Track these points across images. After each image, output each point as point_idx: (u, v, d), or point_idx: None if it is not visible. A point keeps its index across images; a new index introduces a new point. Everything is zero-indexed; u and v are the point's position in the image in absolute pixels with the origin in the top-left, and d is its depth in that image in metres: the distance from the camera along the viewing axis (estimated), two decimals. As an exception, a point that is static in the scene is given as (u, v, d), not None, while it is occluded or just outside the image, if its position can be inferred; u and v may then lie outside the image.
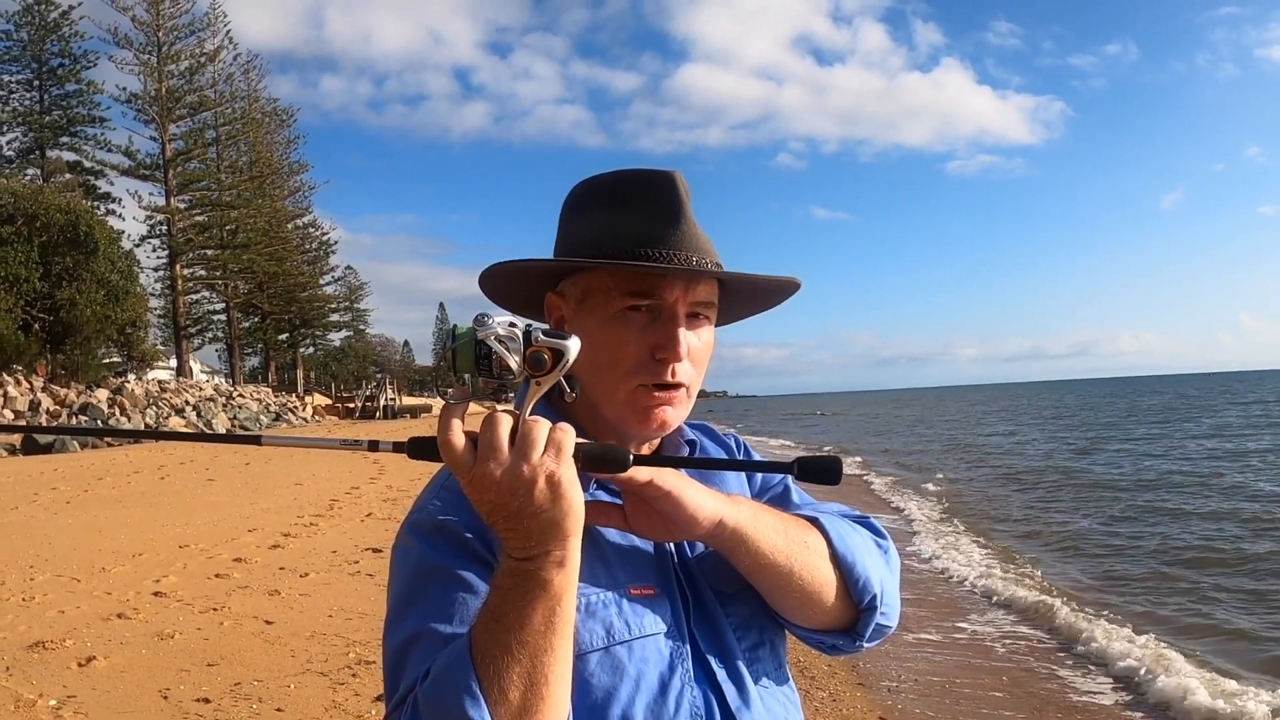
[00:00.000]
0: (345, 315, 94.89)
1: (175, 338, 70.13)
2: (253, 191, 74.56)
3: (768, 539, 1.39)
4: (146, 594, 9.25)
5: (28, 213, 45.68)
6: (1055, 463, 27.68)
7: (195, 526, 13.57)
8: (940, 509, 17.91)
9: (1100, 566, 12.27)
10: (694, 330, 1.43)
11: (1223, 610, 9.69)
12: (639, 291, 1.40)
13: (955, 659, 7.85)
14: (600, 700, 1.28)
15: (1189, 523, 15.48)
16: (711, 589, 1.46)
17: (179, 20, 69.19)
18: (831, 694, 6.74)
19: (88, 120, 68.60)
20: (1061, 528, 15.67)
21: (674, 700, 1.32)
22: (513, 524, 1.10)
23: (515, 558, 1.12)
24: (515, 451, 1.08)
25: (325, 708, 6.18)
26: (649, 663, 1.33)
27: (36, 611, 8.53)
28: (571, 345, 1.12)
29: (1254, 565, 11.82)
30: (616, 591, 1.35)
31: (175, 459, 26.60)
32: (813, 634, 1.51)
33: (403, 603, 1.28)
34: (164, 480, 20.76)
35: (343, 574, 10.29)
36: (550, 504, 1.08)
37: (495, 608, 1.12)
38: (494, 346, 1.10)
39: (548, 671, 1.11)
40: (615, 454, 1.22)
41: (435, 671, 1.13)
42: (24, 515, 15.00)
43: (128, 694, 6.42)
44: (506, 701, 1.09)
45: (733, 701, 1.37)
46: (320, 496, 17.22)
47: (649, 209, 1.44)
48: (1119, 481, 22.00)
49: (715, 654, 1.40)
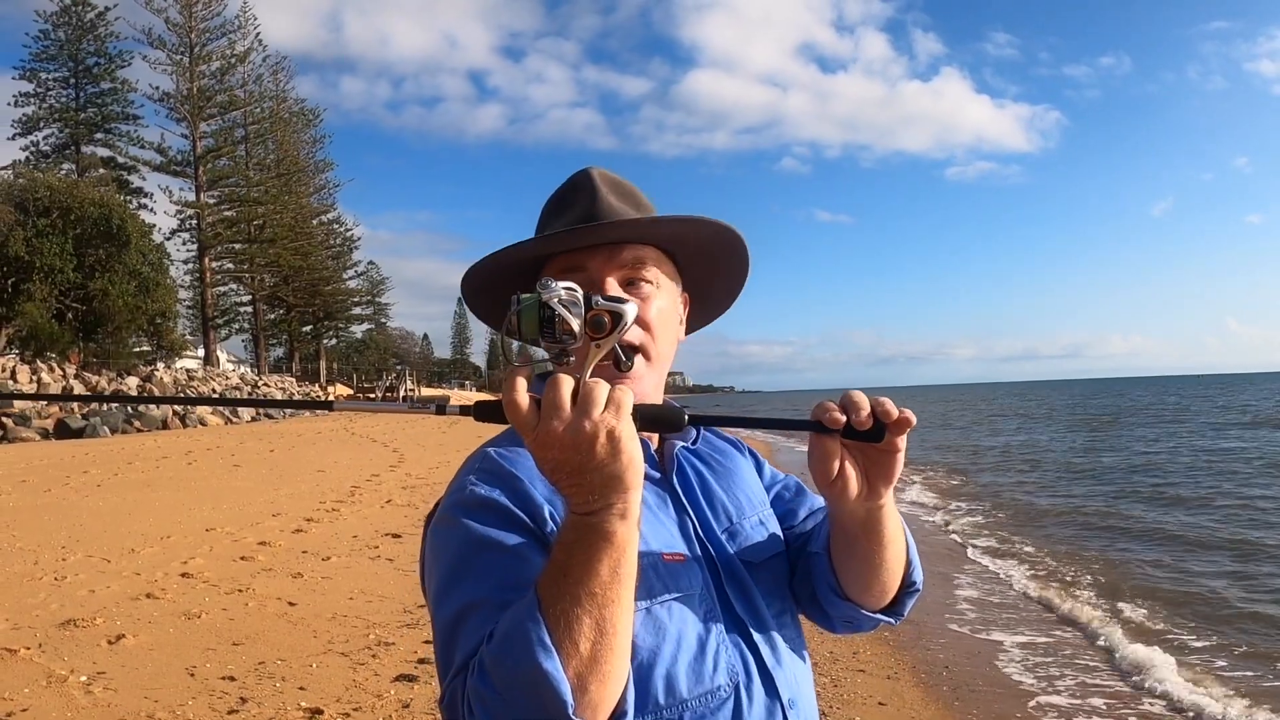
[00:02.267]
0: (367, 309, 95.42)
1: (203, 328, 70.38)
2: (279, 188, 74.71)
3: (897, 516, 1.46)
4: (174, 575, 9.28)
5: (63, 206, 45.88)
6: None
7: (221, 511, 13.62)
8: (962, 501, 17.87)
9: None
10: (635, 295, 1.46)
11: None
12: (570, 268, 1.46)
13: (952, 651, 7.82)
14: (646, 660, 1.30)
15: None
16: (741, 560, 1.50)
17: (210, 22, 69.60)
18: (833, 679, 6.73)
19: (121, 117, 69.03)
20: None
21: (712, 659, 1.35)
22: (576, 479, 1.11)
23: (579, 513, 1.12)
24: (577, 409, 1.09)
25: (346, 686, 6.19)
26: (687, 623, 1.35)
27: (68, 591, 8.57)
28: (629, 309, 1.15)
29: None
30: (651, 557, 1.36)
31: (202, 445, 26.70)
32: (867, 613, 1.56)
33: (451, 576, 1.28)
34: (191, 466, 20.83)
35: (363, 558, 10.31)
36: (611, 458, 1.09)
37: (561, 562, 1.12)
38: (557, 309, 1.11)
39: (615, 622, 1.11)
40: (671, 413, 1.23)
41: (502, 630, 1.12)
42: (57, 497, 15.06)
43: (155, 671, 6.45)
44: (578, 653, 1.09)
45: (768, 659, 1.41)
46: (342, 483, 17.25)
47: (574, 203, 1.52)
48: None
49: (749, 616, 1.44)
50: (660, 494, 1.49)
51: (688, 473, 1.56)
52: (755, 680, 1.38)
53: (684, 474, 1.56)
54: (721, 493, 1.58)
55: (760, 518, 1.60)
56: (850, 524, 1.42)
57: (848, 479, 1.33)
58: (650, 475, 1.47)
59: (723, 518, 1.54)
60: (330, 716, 5.67)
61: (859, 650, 7.52)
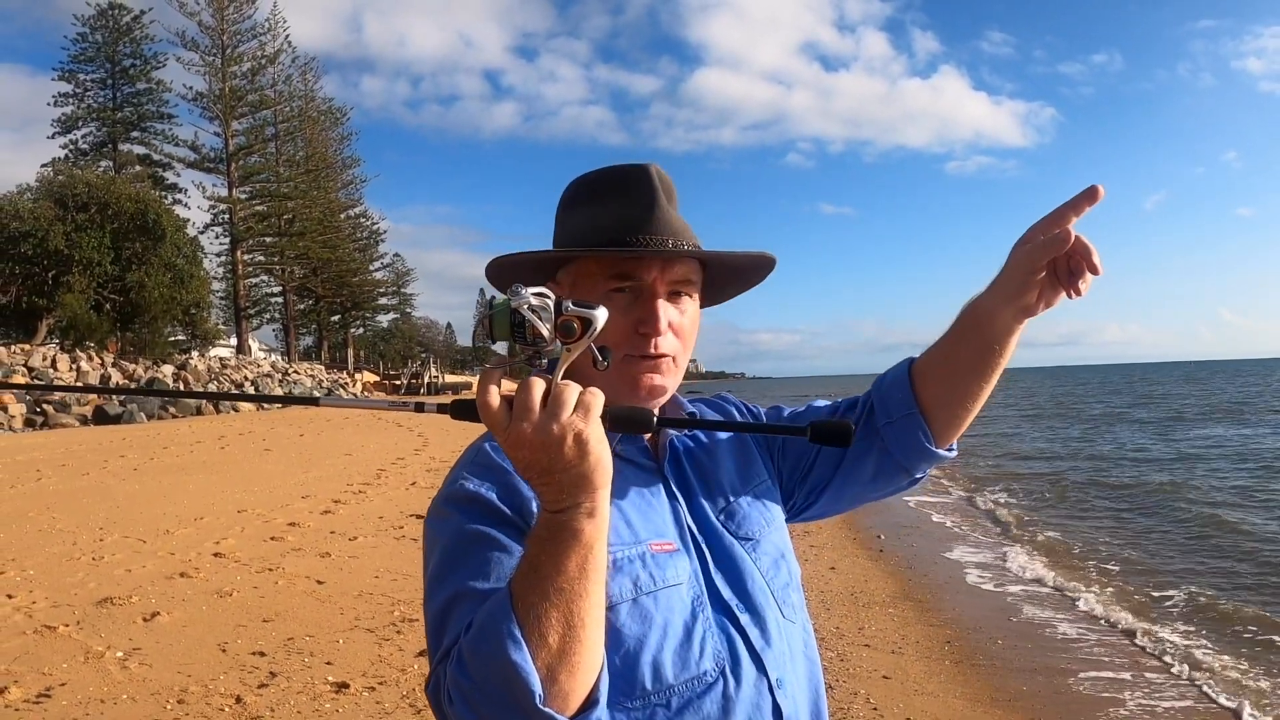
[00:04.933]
0: (392, 299, 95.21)
1: (235, 318, 70.56)
2: (308, 184, 74.73)
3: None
4: (207, 555, 9.32)
5: (101, 201, 46.12)
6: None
7: (252, 493, 13.67)
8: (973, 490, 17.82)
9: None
10: (676, 306, 1.47)
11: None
12: (621, 274, 1.44)
13: (954, 627, 7.80)
14: (633, 648, 1.31)
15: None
16: (739, 538, 1.51)
17: (241, 25, 69.49)
18: (840, 654, 6.71)
19: (157, 116, 69.08)
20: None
21: (698, 645, 1.36)
22: (545, 479, 1.11)
23: (549, 510, 1.13)
24: (546, 412, 1.09)
25: (371, 661, 6.20)
26: (674, 611, 1.36)
27: (105, 570, 8.61)
28: (599, 314, 1.13)
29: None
30: (640, 548, 1.38)
31: (234, 430, 26.79)
32: (943, 452, 1.61)
33: (442, 567, 1.29)
34: (224, 450, 20.90)
35: (389, 538, 10.33)
36: (578, 459, 1.09)
37: (532, 558, 1.13)
38: (527, 315, 1.11)
39: (584, 615, 1.12)
40: (640, 415, 1.22)
41: (478, 622, 1.14)
42: (95, 480, 15.13)
43: (189, 647, 6.47)
44: (546, 645, 1.10)
45: (756, 641, 1.41)
46: (368, 466, 17.29)
47: (627, 199, 1.48)
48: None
49: (738, 600, 1.44)
50: (652, 483, 1.50)
51: (681, 459, 1.57)
52: (744, 663, 1.38)
53: (677, 461, 1.56)
54: (717, 473, 1.58)
55: (757, 492, 1.60)
56: (994, 337, 1.49)
57: (1039, 296, 1.42)
58: (643, 465, 1.50)
59: (719, 499, 1.55)
60: (356, 690, 5.68)
61: (864, 626, 7.52)
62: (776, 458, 1.69)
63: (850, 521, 12.85)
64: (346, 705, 5.48)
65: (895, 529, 12.58)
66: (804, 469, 1.67)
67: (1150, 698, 6.19)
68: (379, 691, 5.67)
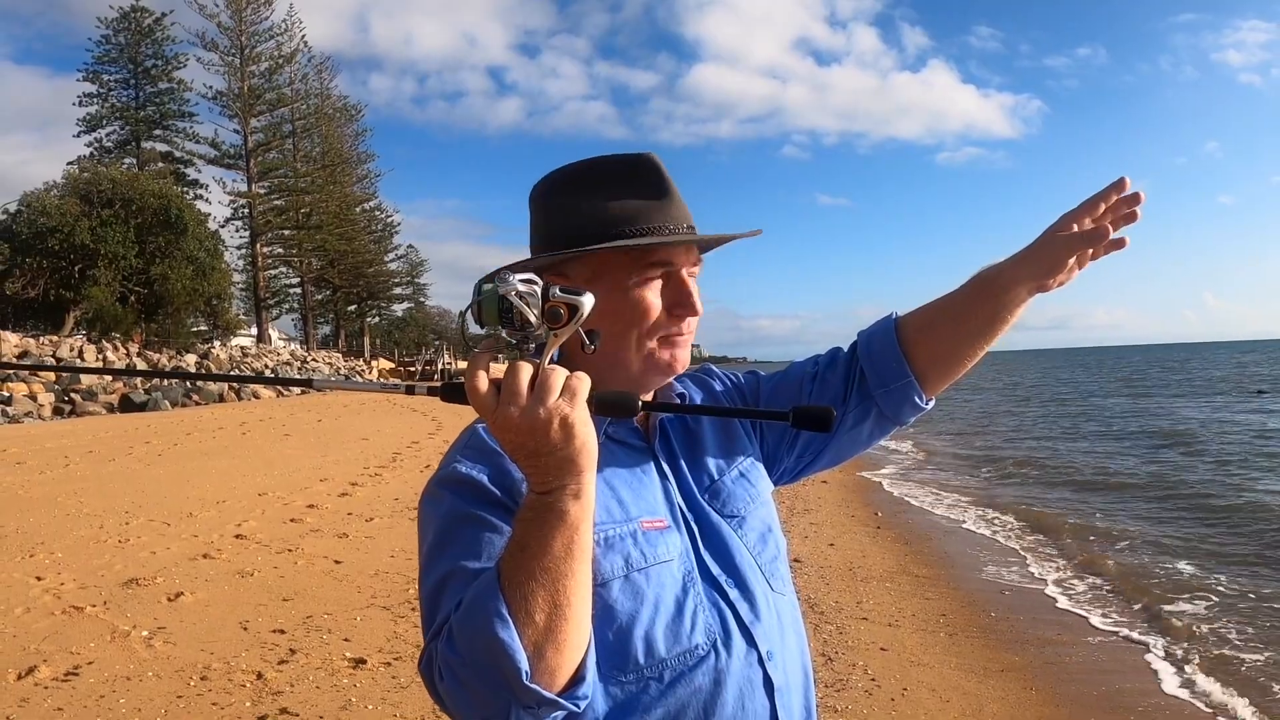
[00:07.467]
0: (407, 289, 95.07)
1: (256, 308, 70.60)
2: (325, 179, 74.58)
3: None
4: (229, 537, 9.32)
5: (125, 197, 46.11)
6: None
7: (272, 477, 13.68)
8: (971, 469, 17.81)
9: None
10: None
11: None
12: (658, 262, 1.45)
13: (949, 600, 7.78)
14: (625, 623, 1.31)
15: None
16: (725, 516, 1.51)
17: (259, 26, 69.22)
18: (839, 628, 6.70)
19: (178, 115, 68.84)
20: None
21: (689, 619, 1.36)
22: (532, 461, 1.11)
23: (536, 492, 1.13)
24: (533, 396, 1.09)
25: (387, 638, 6.20)
26: (665, 587, 1.36)
27: (131, 552, 8.61)
28: (585, 300, 1.12)
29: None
30: (631, 525, 1.38)
31: (255, 416, 26.82)
32: (923, 406, 1.65)
33: (435, 547, 1.28)
34: (245, 436, 20.92)
35: (404, 519, 10.32)
36: (564, 442, 1.09)
37: (519, 538, 1.13)
38: (514, 301, 1.10)
39: (570, 594, 1.12)
40: (625, 399, 1.20)
41: (467, 601, 1.14)
42: (121, 466, 15.15)
43: (211, 625, 6.47)
44: (533, 623, 1.10)
45: (745, 616, 1.41)
46: (384, 450, 17.32)
47: (643, 188, 1.48)
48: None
49: (727, 575, 1.44)
50: (643, 463, 1.49)
51: (671, 438, 1.56)
52: (734, 636, 1.38)
53: (667, 440, 1.55)
54: (703, 451, 1.58)
55: (741, 469, 1.60)
56: (1006, 306, 1.54)
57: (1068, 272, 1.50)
58: (634, 445, 1.50)
59: (704, 477, 1.55)
60: (373, 665, 5.68)
61: (862, 600, 7.50)
62: (762, 428, 1.69)
63: (848, 499, 12.85)
64: (364, 680, 5.48)
65: (893, 506, 12.56)
66: (793, 436, 1.68)
67: (1142, 669, 6.19)
68: (394, 667, 5.67)
